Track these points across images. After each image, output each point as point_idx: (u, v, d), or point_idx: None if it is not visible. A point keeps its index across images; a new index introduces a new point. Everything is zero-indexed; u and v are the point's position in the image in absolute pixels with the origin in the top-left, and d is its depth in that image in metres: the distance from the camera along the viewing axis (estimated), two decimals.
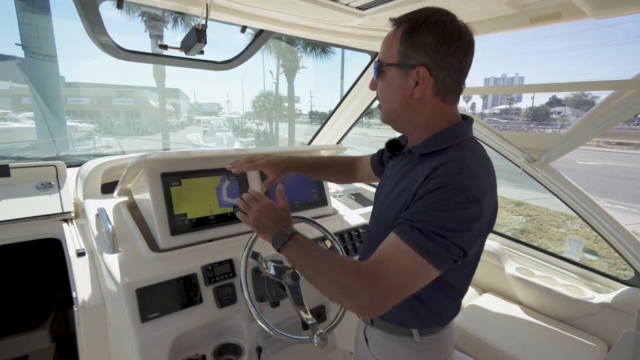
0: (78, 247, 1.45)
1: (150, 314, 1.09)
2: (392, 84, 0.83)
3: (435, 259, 0.68)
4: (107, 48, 1.46)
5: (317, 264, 0.79)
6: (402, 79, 0.81)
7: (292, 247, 0.85)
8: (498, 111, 57.05)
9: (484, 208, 0.71)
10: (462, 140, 0.82)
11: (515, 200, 8.66)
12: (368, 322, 0.99)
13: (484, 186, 0.73)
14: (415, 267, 0.69)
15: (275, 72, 21.12)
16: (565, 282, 1.79)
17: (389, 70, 0.83)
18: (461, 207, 0.69)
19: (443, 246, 0.68)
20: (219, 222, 1.41)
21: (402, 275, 0.69)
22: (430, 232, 0.68)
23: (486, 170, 0.78)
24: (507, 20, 1.49)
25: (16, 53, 13.15)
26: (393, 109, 0.86)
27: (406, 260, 0.69)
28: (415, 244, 0.68)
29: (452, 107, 0.84)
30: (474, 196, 0.70)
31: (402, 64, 0.80)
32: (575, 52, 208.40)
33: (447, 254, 0.69)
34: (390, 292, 0.69)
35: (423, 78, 0.77)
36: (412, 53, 0.78)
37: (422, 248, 0.68)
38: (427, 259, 0.68)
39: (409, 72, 0.79)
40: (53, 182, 1.72)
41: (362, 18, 1.56)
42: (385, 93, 0.86)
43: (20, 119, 14.23)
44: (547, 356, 1.50)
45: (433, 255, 0.68)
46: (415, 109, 0.83)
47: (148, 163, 1.29)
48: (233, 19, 1.53)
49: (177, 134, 24.57)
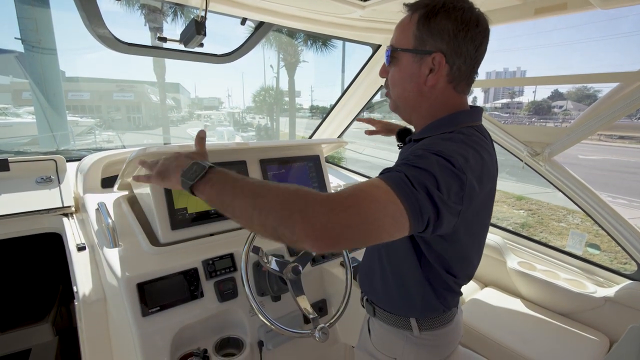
0: (78, 241, 1.45)
1: (151, 308, 1.09)
2: (405, 70, 0.80)
3: (411, 204, 0.58)
4: (106, 40, 1.44)
5: (257, 189, 0.62)
6: (416, 65, 0.78)
7: (212, 179, 0.69)
8: (500, 105, 56.79)
9: (468, 181, 0.65)
10: (460, 127, 0.78)
11: (516, 195, 8.65)
12: (371, 313, 0.98)
13: (469, 166, 0.67)
14: (391, 207, 0.58)
15: (275, 66, 21.02)
16: (568, 276, 1.78)
17: (403, 56, 0.80)
18: (444, 170, 0.63)
19: (423, 196, 0.59)
20: (219, 216, 1.40)
21: (375, 208, 0.57)
22: (414, 179, 0.60)
23: (477, 156, 0.72)
24: (511, 11, 1.46)
25: (16, 47, 13.12)
26: (405, 96, 0.83)
27: (383, 197, 0.58)
28: (396, 184, 0.59)
29: (462, 96, 0.82)
30: (459, 165, 0.65)
31: (418, 50, 0.77)
32: (579, 45, 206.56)
33: (426, 204, 0.59)
34: (354, 221, 0.56)
35: (439, 65, 0.75)
36: (428, 38, 0.75)
37: (402, 190, 0.58)
38: (404, 203, 0.58)
39: (424, 59, 0.76)
40: (53, 177, 1.72)
41: (363, 10, 1.54)
42: (397, 80, 0.83)
43: (21, 114, 14.22)
44: (549, 350, 1.50)
45: (410, 200, 0.58)
46: (426, 96, 0.81)
47: (148, 157, 1.28)
48: (233, 11, 1.51)
49: (178, 129, 24.54)
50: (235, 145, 1.57)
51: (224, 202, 0.66)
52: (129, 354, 1.10)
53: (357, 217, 0.56)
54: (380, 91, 2.33)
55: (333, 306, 1.50)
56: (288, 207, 0.57)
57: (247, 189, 0.63)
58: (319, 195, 0.58)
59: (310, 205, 0.56)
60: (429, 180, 0.61)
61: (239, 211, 0.63)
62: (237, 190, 0.64)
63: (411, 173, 0.61)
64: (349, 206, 0.56)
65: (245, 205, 0.62)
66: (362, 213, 0.56)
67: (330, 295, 1.51)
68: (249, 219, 0.61)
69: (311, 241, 0.55)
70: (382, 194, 0.59)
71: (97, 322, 1.31)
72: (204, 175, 0.69)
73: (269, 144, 1.66)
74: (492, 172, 0.79)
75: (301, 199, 0.57)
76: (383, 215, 0.58)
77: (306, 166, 1.73)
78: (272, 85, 23.74)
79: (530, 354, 1.48)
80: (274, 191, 0.60)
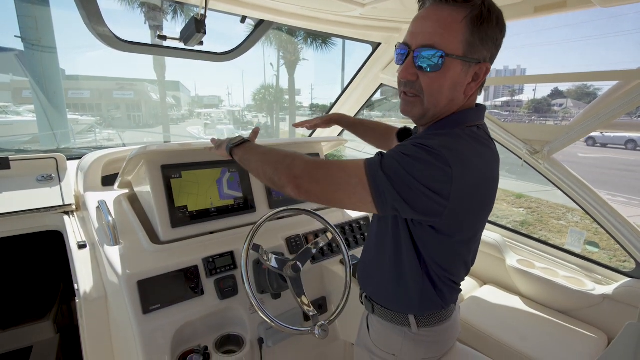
0: (79, 239, 1.45)
1: (151, 305, 1.09)
2: (452, 78, 0.72)
3: (376, 189, 0.67)
4: (105, 39, 1.44)
5: (267, 153, 0.84)
6: (464, 74, 0.72)
7: (244, 147, 0.93)
8: (499, 103, 56.68)
9: (455, 176, 0.65)
10: (461, 127, 0.77)
11: (515, 193, 8.65)
12: (369, 309, 0.99)
13: (460, 159, 0.67)
14: (355, 180, 0.69)
15: (275, 64, 20.99)
16: (566, 273, 1.79)
17: (452, 63, 0.70)
18: (428, 162, 0.65)
19: (384, 176, 0.66)
20: (219, 214, 1.40)
21: (341, 177, 0.71)
22: (389, 168, 0.66)
23: (473, 152, 0.72)
24: (511, 10, 1.46)
25: (16, 45, 13.09)
26: (441, 105, 0.76)
27: (353, 170, 0.70)
28: (369, 163, 0.69)
29: (477, 98, 0.82)
30: (445, 160, 0.65)
31: (469, 58, 0.70)
32: (579, 43, 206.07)
33: (388, 186, 0.66)
34: (321, 176, 0.73)
35: (484, 74, 0.73)
36: (479, 46, 0.69)
37: (369, 168, 0.68)
38: (368, 179, 0.68)
39: (471, 67, 0.71)
40: (53, 175, 1.72)
41: (363, 8, 1.54)
42: (438, 87, 0.73)
43: (22, 112, 14.21)
44: (547, 347, 1.51)
45: (373, 177, 0.67)
46: (456, 102, 0.77)
47: (148, 155, 1.28)
48: (232, 9, 1.51)
49: (178, 127, 24.53)
50: None
51: (246, 160, 0.91)
52: (130, 351, 1.11)
53: (324, 176, 0.72)
54: (380, 89, 2.33)
55: (333, 303, 1.51)
56: (281, 162, 0.78)
57: (262, 151, 0.86)
58: (306, 157, 0.76)
59: (295, 161, 0.76)
60: (402, 165, 0.66)
61: (254, 165, 0.87)
62: (256, 152, 0.88)
63: (387, 158, 0.68)
64: (321, 167, 0.74)
65: (257, 161, 0.85)
66: (329, 175, 0.72)
67: (330, 293, 1.52)
68: (257, 170, 0.85)
69: (290, 187, 0.74)
70: (353, 166, 0.71)
71: (98, 319, 1.32)
72: (241, 143, 0.95)
73: (269, 142, 1.66)
74: (494, 171, 0.78)
75: (291, 157, 0.77)
76: (345, 182, 0.70)
77: None
78: (272, 84, 23.73)
79: (529, 351, 1.48)
80: (278, 152, 0.82)
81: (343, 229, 1.64)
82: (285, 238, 1.45)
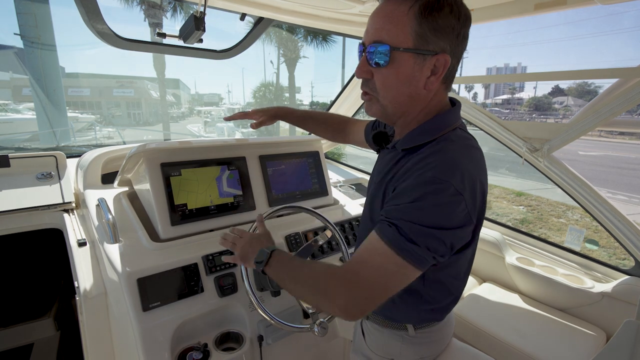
0: (79, 237, 1.46)
1: (151, 303, 1.09)
2: (404, 72, 0.70)
3: (414, 258, 0.64)
4: (105, 36, 1.44)
5: (297, 274, 0.79)
6: (418, 67, 0.69)
7: (272, 264, 0.85)
8: (500, 101, 56.62)
9: (467, 199, 0.66)
10: (445, 132, 0.75)
11: (516, 191, 8.66)
12: (363, 316, 0.96)
13: (465, 177, 0.67)
14: (394, 267, 0.65)
15: (275, 62, 20.94)
16: (566, 271, 1.79)
17: (401, 56, 0.68)
18: (441, 202, 0.64)
19: (423, 245, 0.63)
20: (219, 212, 1.41)
21: (381, 276, 0.66)
22: (409, 230, 0.63)
23: (469, 159, 0.72)
24: (511, 7, 1.46)
25: (15, 43, 13.06)
26: (399, 102, 0.74)
27: (385, 261, 0.65)
28: (393, 243, 0.64)
29: (446, 94, 0.78)
30: (454, 189, 0.64)
31: (421, 50, 0.67)
32: (579, 40, 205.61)
33: (427, 252, 0.64)
34: (370, 292, 0.66)
35: (443, 67, 0.69)
36: (431, 37, 0.66)
37: (400, 248, 0.64)
38: (406, 259, 0.64)
39: (426, 59, 0.68)
40: (53, 173, 1.72)
41: (363, 5, 1.53)
42: (392, 83, 0.72)
43: (21, 110, 14.20)
44: (547, 345, 1.51)
45: (411, 254, 0.64)
46: (419, 99, 0.74)
47: (147, 153, 1.28)
48: (232, 6, 1.50)
49: (178, 125, 24.52)
50: (234, 141, 1.57)
51: (281, 281, 0.84)
52: (130, 348, 1.11)
53: (366, 287, 0.66)
54: None
55: None
56: (316, 288, 0.72)
57: (289, 276, 0.81)
58: (335, 277, 0.69)
59: (330, 289, 0.68)
60: (422, 222, 0.64)
61: (291, 290, 0.83)
62: (286, 275, 0.82)
63: (403, 225, 0.64)
64: (356, 280, 0.66)
65: (292, 286, 0.80)
66: (372, 284, 0.66)
67: None
68: (297, 293, 0.84)
69: (344, 316, 0.67)
70: (378, 257, 0.66)
71: (98, 317, 1.32)
72: (268, 261, 0.86)
73: (268, 140, 1.66)
74: (482, 169, 0.76)
75: (323, 280, 0.70)
76: (391, 277, 0.66)
77: (306, 162, 1.73)
78: (272, 81, 23.69)
79: (528, 349, 1.49)
80: (306, 273, 0.77)
81: (343, 226, 1.64)
82: (285, 236, 1.46)
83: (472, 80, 2.80)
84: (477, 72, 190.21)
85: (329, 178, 1.81)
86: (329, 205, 1.76)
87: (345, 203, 1.82)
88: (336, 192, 1.93)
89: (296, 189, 1.66)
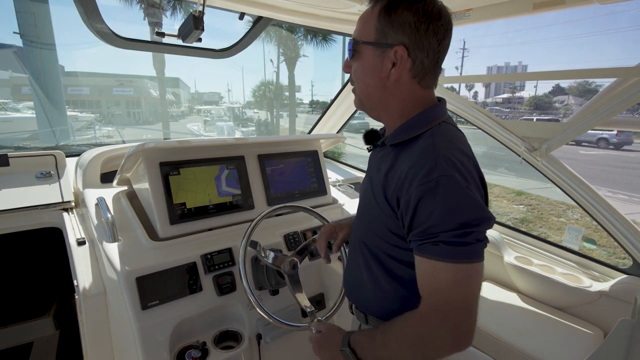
0: (78, 236, 1.46)
1: (150, 301, 1.10)
2: (367, 64, 0.78)
3: (474, 256, 0.66)
4: (104, 35, 1.44)
5: (388, 343, 0.74)
6: (378, 59, 0.76)
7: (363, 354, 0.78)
8: (500, 100, 56.56)
9: (471, 182, 0.70)
10: (432, 126, 0.77)
11: (516, 190, 8.65)
12: (362, 320, 0.95)
13: (463, 164, 0.70)
14: (466, 274, 0.66)
15: (275, 60, 20.95)
16: (564, 270, 1.79)
17: (364, 49, 0.78)
18: (458, 197, 0.66)
19: (474, 240, 0.66)
20: (218, 211, 1.41)
21: (461, 291, 0.66)
22: (453, 237, 0.65)
23: (457, 148, 0.74)
24: (510, 6, 1.46)
25: (15, 42, 13.05)
26: (368, 92, 0.82)
27: (454, 275, 0.66)
28: (451, 256, 0.65)
29: (429, 91, 0.81)
30: (463, 180, 0.68)
31: (379, 43, 0.75)
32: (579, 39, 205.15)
33: (480, 244, 0.67)
34: (463, 312, 0.65)
35: (401, 58, 0.74)
36: (389, 31, 0.73)
37: (459, 257, 0.65)
38: (469, 261, 0.66)
39: (385, 52, 0.75)
40: (52, 172, 1.73)
41: (362, 4, 1.53)
42: (359, 75, 0.81)
43: (21, 109, 14.20)
44: (545, 343, 1.52)
45: (470, 254, 0.66)
46: (390, 92, 0.79)
47: (146, 152, 1.29)
48: (231, 5, 1.51)
49: (177, 124, 24.52)
50: (233, 140, 1.58)
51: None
52: (129, 346, 1.12)
53: (461, 309, 0.65)
54: None
55: (331, 300, 1.52)
56: (415, 346, 0.68)
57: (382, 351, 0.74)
58: (423, 323, 0.68)
59: (428, 336, 0.67)
60: (461, 221, 0.65)
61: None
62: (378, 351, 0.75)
63: (448, 235, 0.65)
64: (447, 312, 0.65)
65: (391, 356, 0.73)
66: (459, 302, 0.65)
67: (328, 289, 1.53)
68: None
69: (460, 348, 0.66)
70: (450, 275, 0.65)
71: (97, 315, 1.33)
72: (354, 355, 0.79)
73: (267, 139, 1.67)
74: (471, 154, 0.78)
75: (416, 338, 0.68)
76: (468, 284, 0.66)
77: (304, 161, 1.73)
78: (272, 80, 23.68)
79: (527, 347, 1.49)
80: (395, 344, 0.72)
81: None
82: (284, 235, 1.46)
83: (471, 79, 2.80)
84: (477, 71, 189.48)
85: (328, 177, 1.81)
86: (328, 204, 1.76)
87: (344, 202, 1.83)
88: (335, 191, 1.94)
89: (295, 188, 1.67)
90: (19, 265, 2.06)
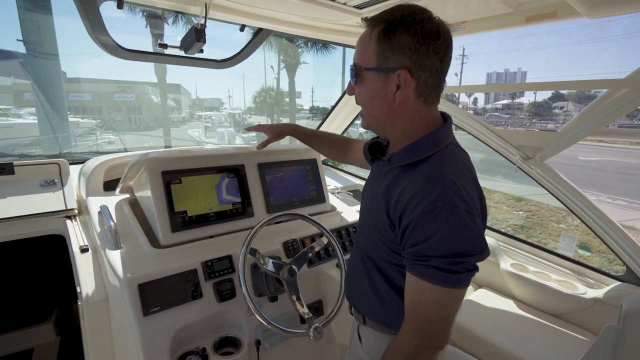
0: (82, 243, 1.49)
1: (151, 308, 1.12)
2: (371, 89, 0.79)
3: (460, 283, 0.71)
4: (108, 47, 1.48)
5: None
6: (382, 83, 0.77)
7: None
8: (500, 106, 56.75)
9: (475, 214, 0.72)
10: (439, 149, 0.79)
11: (515, 196, 8.66)
12: (360, 321, 0.98)
13: (468, 194, 0.72)
14: (448, 297, 0.72)
15: (276, 67, 21.13)
16: (559, 277, 1.81)
17: (367, 74, 0.79)
18: (457, 228, 0.69)
19: (463, 270, 0.70)
20: (218, 219, 1.44)
21: (442, 311, 0.73)
22: (445, 264, 0.69)
23: (464, 175, 0.76)
24: (503, 19, 1.50)
25: (18, 49, 13.16)
26: (375, 114, 0.83)
27: (438, 296, 0.71)
28: (439, 280, 0.70)
29: (434, 108, 0.82)
30: (466, 211, 0.70)
31: (381, 68, 0.76)
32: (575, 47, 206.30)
33: (469, 273, 0.71)
34: (440, 327, 0.75)
35: (405, 81, 0.74)
36: (390, 55, 0.74)
37: (446, 281, 0.70)
38: (455, 287, 0.71)
39: (389, 76, 0.75)
40: (56, 180, 1.76)
41: (359, 17, 1.57)
42: (364, 98, 0.82)
43: (23, 115, 14.26)
44: (540, 350, 1.53)
45: (457, 281, 0.70)
46: (397, 113, 0.80)
47: (149, 162, 1.32)
48: (232, 18, 1.55)
49: (178, 130, 24.57)
50: (234, 149, 1.61)
51: None
52: (131, 352, 1.14)
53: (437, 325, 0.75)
54: None
55: (329, 306, 1.54)
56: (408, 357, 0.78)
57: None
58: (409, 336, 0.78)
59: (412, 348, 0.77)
60: (455, 250, 0.69)
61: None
62: None
63: (441, 262, 0.70)
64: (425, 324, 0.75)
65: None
66: (437, 319, 0.74)
67: (326, 296, 1.55)
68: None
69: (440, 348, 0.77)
70: (434, 295, 0.72)
71: (99, 321, 1.35)
72: None
73: (266, 148, 1.70)
74: (476, 179, 0.80)
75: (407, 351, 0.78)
76: (449, 306, 0.74)
77: (303, 170, 1.76)
78: (272, 87, 23.83)
79: (522, 354, 1.51)
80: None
81: (339, 233, 1.67)
82: (283, 242, 1.49)
83: (466, 89, 2.84)
84: (476, 77, 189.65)
85: (327, 185, 1.84)
86: (327, 212, 1.79)
87: (342, 210, 1.85)
88: (333, 199, 1.96)
89: (294, 195, 1.70)
90: (21, 272, 2.08)
